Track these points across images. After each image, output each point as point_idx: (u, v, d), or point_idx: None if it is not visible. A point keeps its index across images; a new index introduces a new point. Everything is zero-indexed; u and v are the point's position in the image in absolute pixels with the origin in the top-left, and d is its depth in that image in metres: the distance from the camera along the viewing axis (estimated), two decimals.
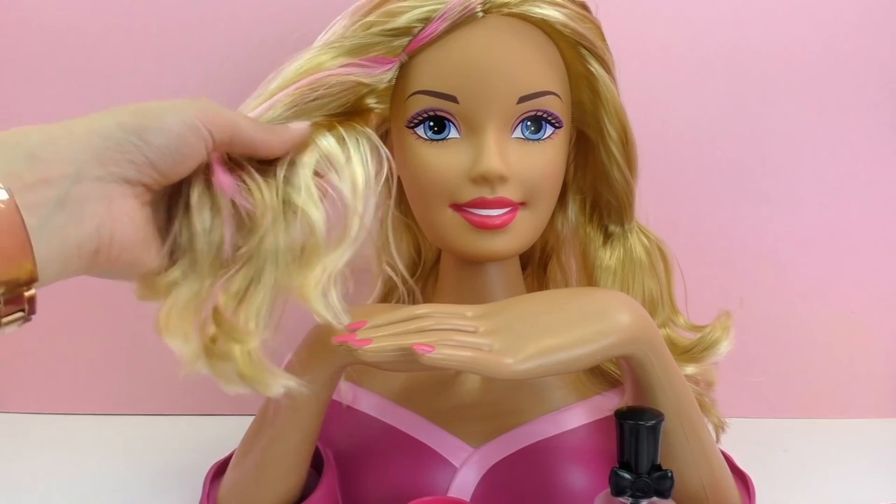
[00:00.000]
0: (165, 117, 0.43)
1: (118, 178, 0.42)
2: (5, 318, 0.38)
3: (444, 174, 0.57)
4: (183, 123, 0.44)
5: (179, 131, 0.43)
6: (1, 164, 0.37)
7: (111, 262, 0.42)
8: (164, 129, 0.43)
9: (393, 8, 0.55)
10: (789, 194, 0.84)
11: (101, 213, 0.41)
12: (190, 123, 0.44)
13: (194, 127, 0.44)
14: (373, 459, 0.60)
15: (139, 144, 0.42)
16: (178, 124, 0.43)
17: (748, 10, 0.80)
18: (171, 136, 0.43)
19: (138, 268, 0.44)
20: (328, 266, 0.48)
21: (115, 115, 0.43)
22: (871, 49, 0.81)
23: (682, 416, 0.54)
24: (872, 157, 0.83)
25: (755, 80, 0.81)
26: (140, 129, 0.42)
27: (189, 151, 0.44)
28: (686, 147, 0.83)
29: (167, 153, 0.43)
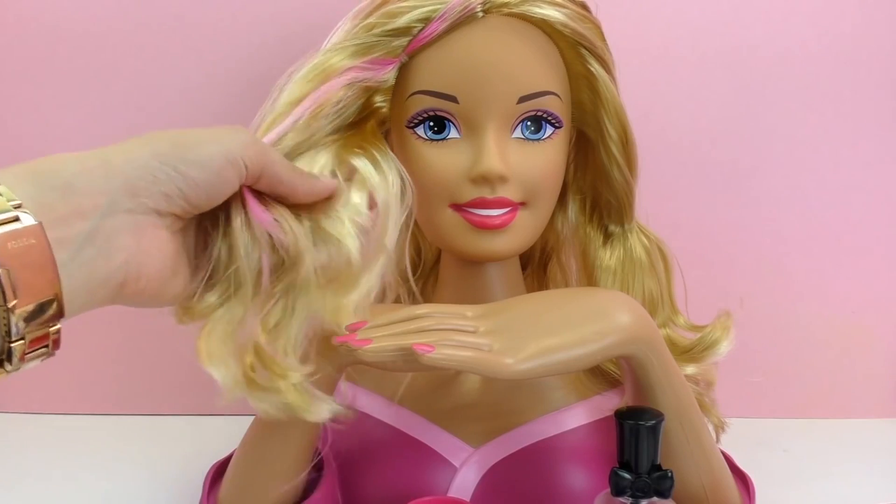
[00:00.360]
0: (205, 149, 0.42)
1: (150, 209, 0.41)
2: (29, 353, 0.37)
3: (444, 174, 0.57)
4: (223, 156, 0.42)
5: (219, 165, 0.42)
6: (34, 194, 0.36)
7: (137, 293, 0.41)
8: (202, 163, 0.42)
9: (393, 9, 0.55)
10: (789, 194, 0.84)
11: (131, 246, 0.40)
12: (230, 157, 0.43)
13: (234, 160, 0.43)
14: (373, 459, 0.60)
15: (174, 176, 0.41)
16: (219, 157, 0.42)
17: (748, 10, 0.80)
18: (210, 169, 0.42)
19: (163, 298, 0.44)
20: (362, 291, 0.49)
21: (152, 144, 0.42)
22: (871, 49, 0.81)
23: (682, 416, 0.54)
24: (872, 157, 0.83)
25: (755, 80, 0.81)
26: (177, 161, 0.41)
27: (225, 185, 0.43)
28: (686, 147, 0.83)
29: (203, 186, 0.42)
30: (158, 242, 0.42)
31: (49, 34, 0.80)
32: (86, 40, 0.80)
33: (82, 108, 0.82)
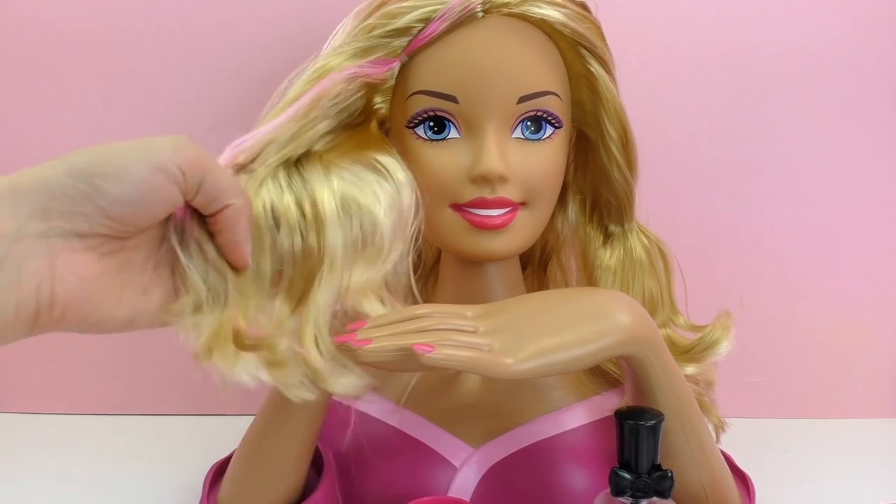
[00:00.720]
0: (126, 160, 0.39)
1: (66, 232, 0.39)
2: None
3: (444, 174, 0.57)
4: (150, 166, 0.40)
5: (144, 176, 0.39)
6: None
7: (56, 322, 0.39)
8: (121, 175, 0.39)
9: (393, 9, 0.55)
10: (789, 194, 0.84)
11: (42, 272, 0.38)
12: (159, 165, 0.40)
13: (163, 167, 0.40)
14: (373, 459, 0.60)
15: (90, 193, 0.39)
16: (144, 168, 0.39)
17: (748, 11, 0.80)
18: (133, 182, 0.39)
19: (107, 323, 0.42)
20: (388, 266, 0.50)
21: (67, 161, 0.39)
22: (872, 49, 0.81)
23: (682, 416, 0.54)
24: (872, 157, 0.83)
25: (755, 80, 0.81)
26: (92, 176, 0.39)
27: (158, 196, 0.40)
28: (686, 147, 0.83)
29: (126, 201, 0.39)
30: (77, 266, 0.39)
31: (49, 34, 0.80)
32: (86, 41, 0.80)
33: (82, 108, 0.82)
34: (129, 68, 0.81)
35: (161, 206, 0.41)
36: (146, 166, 0.40)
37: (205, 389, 0.87)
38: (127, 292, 0.42)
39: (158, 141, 0.41)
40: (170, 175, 0.40)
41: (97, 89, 0.81)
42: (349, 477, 0.61)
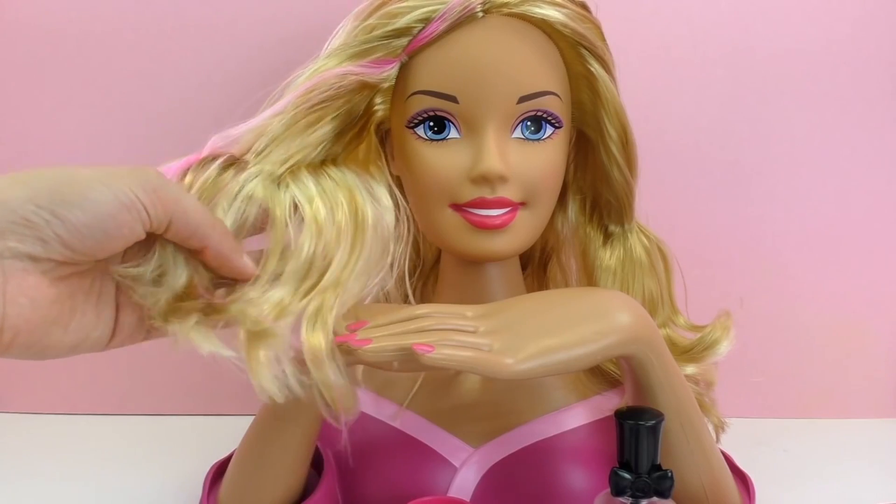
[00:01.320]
0: (91, 191, 0.38)
1: (20, 254, 0.37)
2: None
3: (444, 174, 0.57)
4: (115, 200, 0.38)
5: (109, 210, 0.38)
6: None
7: (4, 348, 0.38)
8: (85, 206, 0.38)
9: (393, 9, 0.55)
10: (789, 194, 0.84)
11: None
12: (125, 200, 0.39)
13: (130, 205, 0.39)
14: (373, 459, 0.60)
15: (50, 220, 0.37)
16: (109, 201, 0.38)
17: (748, 10, 0.80)
18: (96, 214, 0.38)
19: (50, 349, 0.41)
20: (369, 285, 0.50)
21: (31, 184, 0.38)
22: (872, 49, 0.81)
23: (682, 416, 0.54)
24: (872, 157, 0.83)
25: (755, 80, 0.81)
26: (55, 203, 0.37)
27: (118, 231, 0.39)
28: (686, 147, 0.83)
29: (87, 233, 0.38)
30: (30, 289, 0.38)
31: (49, 34, 0.80)
32: (85, 41, 0.80)
33: (82, 108, 0.82)
34: (128, 68, 0.81)
35: (121, 240, 0.40)
36: (112, 201, 0.39)
37: (205, 389, 0.88)
38: (75, 318, 0.42)
39: (126, 174, 0.40)
40: (136, 213, 0.39)
41: (97, 90, 0.81)
42: (349, 477, 0.61)
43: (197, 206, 0.43)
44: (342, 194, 0.51)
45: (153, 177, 0.41)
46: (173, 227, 0.42)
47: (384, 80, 0.56)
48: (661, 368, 0.52)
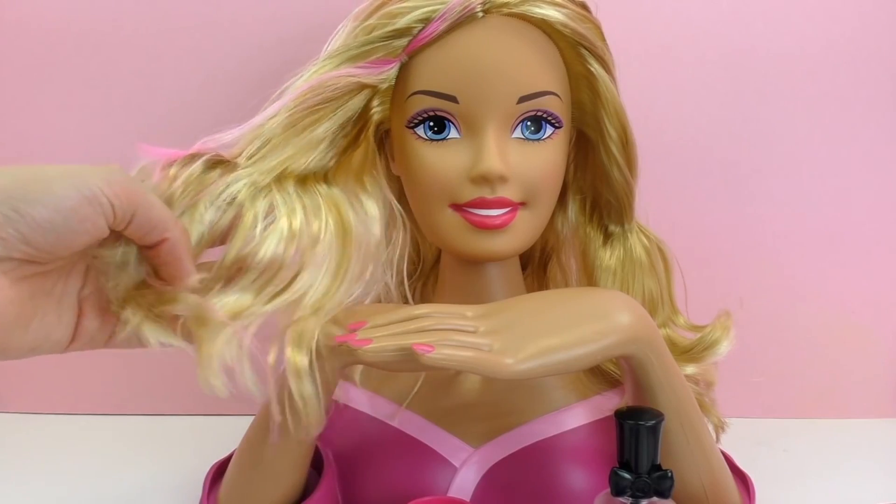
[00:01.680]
0: (54, 186, 0.38)
1: None
2: None
3: (444, 174, 0.57)
4: (78, 194, 0.38)
5: (72, 205, 0.38)
6: None
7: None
8: (47, 201, 0.37)
9: (393, 9, 0.55)
10: (789, 194, 0.84)
11: None
12: (90, 195, 0.38)
13: (93, 198, 0.38)
14: (373, 459, 0.60)
15: (11, 217, 0.37)
16: (73, 196, 0.38)
17: (748, 11, 0.80)
18: (58, 209, 0.38)
19: (8, 351, 0.40)
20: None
21: None
22: (871, 49, 0.81)
23: (682, 416, 0.54)
24: (872, 157, 0.83)
25: (755, 80, 0.81)
26: (17, 200, 0.37)
27: (83, 227, 0.39)
28: (686, 147, 0.83)
29: (49, 228, 0.38)
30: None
31: (49, 34, 0.80)
32: (85, 41, 0.80)
33: (82, 108, 0.82)
34: (128, 69, 0.81)
35: (85, 236, 0.40)
36: (75, 195, 0.38)
37: None
38: (35, 319, 0.41)
39: (90, 170, 0.39)
40: (99, 206, 0.39)
41: (97, 90, 0.81)
42: (349, 477, 0.61)
43: (160, 202, 0.43)
44: (328, 212, 0.52)
45: (117, 172, 0.40)
46: (136, 221, 0.41)
47: (383, 81, 0.56)
48: (661, 368, 0.52)
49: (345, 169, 0.56)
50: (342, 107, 0.54)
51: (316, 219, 0.51)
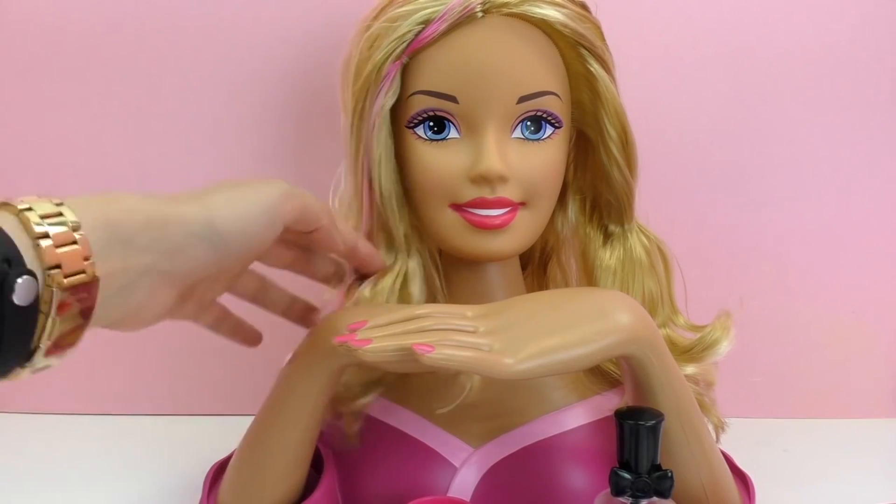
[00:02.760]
0: (251, 215, 0.44)
1: (177, 273, 0.43)
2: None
3: (444, 174, 0.57)
4: (267, 222, 0.45)
5: (262, 233, 0.45)
6: (103, 245, 0.38)
7: (116, 325, 0.43)
8: (247, 231, 0.44)
9: (393, 14, 0.56)
10: (789, 194, 0.84)
11: (143, 300, 0.42)
12: (272, 223, 0.45)
13: (275, 226, 0.45)
14: (373, 459, 0.60)
15: (219, 249, 0.43)
16: (263, 224, 0.45)
17: (748, 11, 0.80)
18: (253, 238, 0.44)
19: (132, 329, 0.45)
20: None
21: (210, 207, 0.43)
22: (872, 49, 0.81)
23: (682, 416, 0.54)
24: (872, 157, 0.83)
25: (755, 80, 0.81)
26: (223, 232, 0.43)
27: (261, 250, 0.46)
28: (686, 147, 0.82)
29: (238, 255, 0.45)
30: (165, 298, 0.43)
31: (50, 34, 0.80)
32: (85, 41, 0.80)
33: (83, 108, 0.82)
34: (128, 69, 0.81)
35: (269, 242, 0.47)
36: (265, 222, 0.45)
37: (205, 389, 0.88)
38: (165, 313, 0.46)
39: (272, 192, 0.46)
40: (276, 232, 0.46)
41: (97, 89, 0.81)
42: (349, 477, 0.61)
43: (312, 197, 0.49)
44: None
45: (291, 192, 0.47)
46: (297, 225, 0.48)
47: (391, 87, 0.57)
48: (661, 368, 0.52)
49: None
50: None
51: None
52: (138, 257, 0.40)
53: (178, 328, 0.50)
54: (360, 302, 0.59)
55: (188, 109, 0.81)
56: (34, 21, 0.80)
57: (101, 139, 0.82)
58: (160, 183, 0.82)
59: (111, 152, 0.82)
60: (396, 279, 0.60)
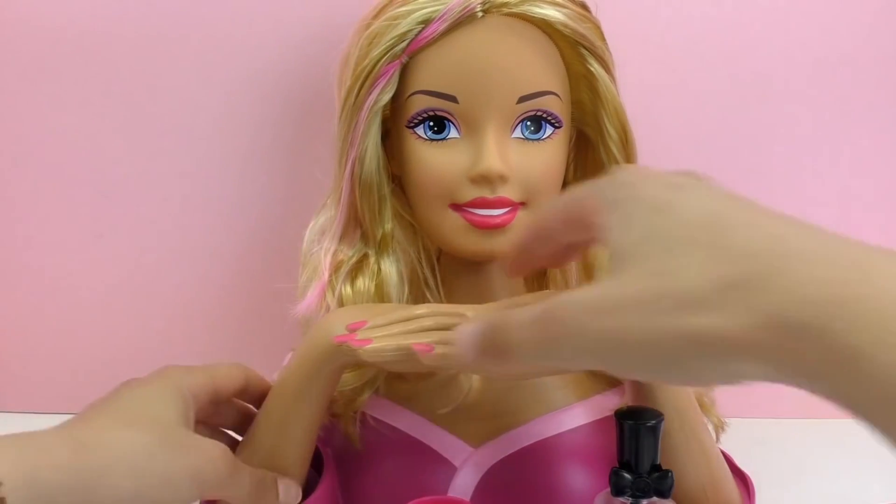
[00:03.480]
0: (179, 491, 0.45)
1: None
2: None
3: (444, 174, 0.57)
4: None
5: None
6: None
7: None
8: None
9: (394, 13, 0.56)
10: (790, 194, 0.84)
11: None
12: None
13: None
14: (372, 459, 0.60)
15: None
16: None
17: (748, 10, 0.80)
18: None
19: None
20: None
21: (139, 475, 0.43)
22: (872, 49, 0.81)
23: (682, 415, 0.54)
24: (873, 158, 0.83)
25: (755, 80, 0.81)
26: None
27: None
28: (686, 147, 0.82)
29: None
30: None
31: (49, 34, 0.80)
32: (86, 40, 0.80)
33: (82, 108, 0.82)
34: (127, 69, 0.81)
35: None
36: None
37: None
38: None
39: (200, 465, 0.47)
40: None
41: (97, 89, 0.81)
42: (349, 476, 0.61)
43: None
44: None
45: (186, 379, 0.51)
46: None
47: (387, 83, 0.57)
48: None
49: None
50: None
51: None
52: None
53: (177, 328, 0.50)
54: (344, 302, 0.59)
55: (187, 109, 0.81)
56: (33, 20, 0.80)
57: (98, 139, 0.82)
58: (160, 182, 0.82)
59: (110, 152, 0.82)
60: (371, 280, 0.60)
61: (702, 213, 0.32)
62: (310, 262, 0.63)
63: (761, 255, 0.28)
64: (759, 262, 0.28)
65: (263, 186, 0.82)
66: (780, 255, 0.28)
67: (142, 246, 0.83)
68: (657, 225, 0.31)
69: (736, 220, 0.31)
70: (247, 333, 0.84)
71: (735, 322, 0.27)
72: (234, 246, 0.83)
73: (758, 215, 0.32)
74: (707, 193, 0.34)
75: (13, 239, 0.84)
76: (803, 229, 0.30)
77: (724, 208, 0.32)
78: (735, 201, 0.34)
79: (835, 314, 0.25)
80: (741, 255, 0.28)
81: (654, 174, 0.35)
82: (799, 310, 0.26)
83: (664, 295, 0.29)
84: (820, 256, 0.27)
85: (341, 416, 0.60)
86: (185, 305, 0.84)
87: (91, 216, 0.82)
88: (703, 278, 0.28)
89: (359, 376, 0.59)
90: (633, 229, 0.32)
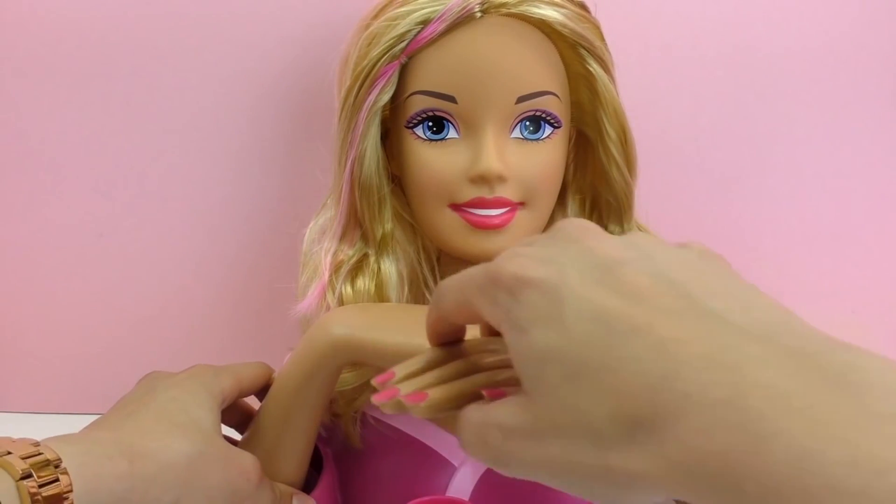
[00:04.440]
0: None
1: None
2: None
3: (443, 174, 0.57)
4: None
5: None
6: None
7: None
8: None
9: (393, 14, 0.56)
10: (789, 194, 0.84)
11: None
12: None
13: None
14: (372, 458, 0.60)
15: None
16: None
17: (749, 10, 0.80)
18: None
19: None
20: None
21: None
22: (872, 49, 0.81)
23: None
24: (873, 157, 0.83)
25: (755, 80, 0.81)
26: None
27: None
28: (686, 147, 0.82)
29: None
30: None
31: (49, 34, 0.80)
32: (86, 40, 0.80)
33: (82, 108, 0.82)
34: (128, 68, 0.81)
35: None
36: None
37: None
38: None
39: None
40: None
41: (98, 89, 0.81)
42: (348, 476, 0.61)
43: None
44: None
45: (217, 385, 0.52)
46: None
47: (385, 84, 0.57)
48: None
49: None
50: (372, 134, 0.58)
51: None
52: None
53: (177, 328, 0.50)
54: (344, 302, 0.59)
55: (188, 109, 0.81)
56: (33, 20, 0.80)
57: (98, 139, 0.82)
58: (160, 183, 0.82)
59: (110, 152, 0.82)
60: (371, 280, 0.60)
61: (592, 336, 0.29)
62: (310, 262, 0.63)
63: (657, 390, 0.26)
64: (658, 398, 0.26)
65: (264, 186, 0.82)
66: (675, 394, 0.26)
67: (142, 246, 0.83)
68: (552, 345, 0.29)
69: (628, 341, 0.28)
70: (247, 333, 0.84)
71: (649, 464, 0.26)
72: (234, 246, 0.83)
73: (645, 334, 0.28)
74: (589, 306, 0.30)
75: (13, 239, 0.84)
76: (700, 358, 0.27)
77: (614, 323, 0.29)
78: (623, 310, 0.29)
79: (741, 474, 0.24)
80: (640, 389, 0.27)
81: (531, 280, 0.31)
82: (703, 461, 0.25)
83: (578, 434, 0.29)
84: (718, 400, 0.25)
85: (342, 415, 0.60)
86: (186, 305, 0.84)
87: (91, 216, 0.82)
88: (611, 420, 0.27)
89: (359, 376, 0.59)
90: (533, 346, 0.30)
